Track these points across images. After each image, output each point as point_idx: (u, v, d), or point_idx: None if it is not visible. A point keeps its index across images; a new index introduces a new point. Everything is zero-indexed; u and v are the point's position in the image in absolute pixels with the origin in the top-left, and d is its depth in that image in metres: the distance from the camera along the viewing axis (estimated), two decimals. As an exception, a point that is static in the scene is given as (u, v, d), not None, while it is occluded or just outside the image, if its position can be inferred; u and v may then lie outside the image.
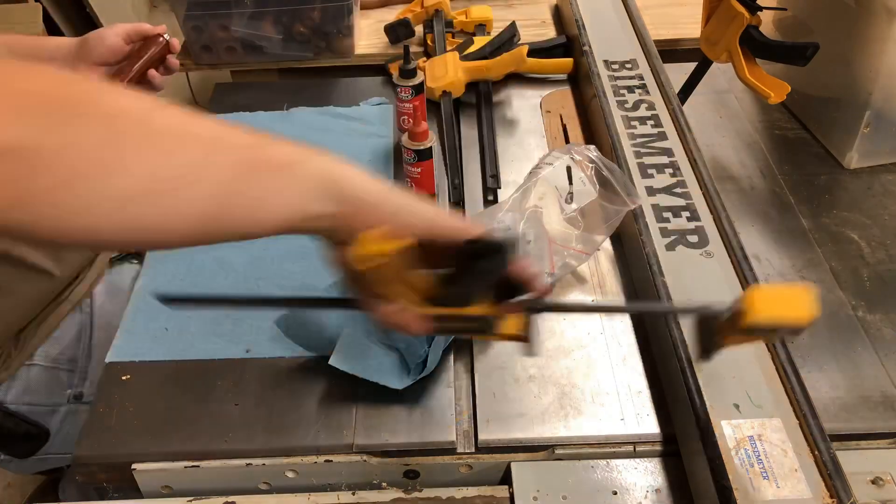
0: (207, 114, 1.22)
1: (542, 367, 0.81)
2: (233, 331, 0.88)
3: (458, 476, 0.77)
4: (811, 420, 0.66)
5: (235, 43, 1.37)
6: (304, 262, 0.96)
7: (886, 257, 0.94)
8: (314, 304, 0.71)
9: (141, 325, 0.89)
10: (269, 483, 0.77)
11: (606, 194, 0.86)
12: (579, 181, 0.86)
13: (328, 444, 0.76)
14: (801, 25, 1.14)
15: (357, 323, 0.81)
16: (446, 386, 0.80)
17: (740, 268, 0.82)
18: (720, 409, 0.68)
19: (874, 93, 1.01)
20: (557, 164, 0.87)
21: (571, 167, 0.86)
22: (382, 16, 1.52)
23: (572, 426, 0.76)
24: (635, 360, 0.82)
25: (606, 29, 1.28)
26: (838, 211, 1.01)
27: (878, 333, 0.84)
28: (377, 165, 1.11)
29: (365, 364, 0.78)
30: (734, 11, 1.01)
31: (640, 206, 0.88)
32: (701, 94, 1.17)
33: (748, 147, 1.13)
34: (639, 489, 0.71)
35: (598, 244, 0.88)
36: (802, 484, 0.62)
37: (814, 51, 0.95)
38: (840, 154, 1.09)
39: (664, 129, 1.03)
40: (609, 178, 0.85)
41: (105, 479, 0.78)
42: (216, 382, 0.82)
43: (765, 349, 0.74)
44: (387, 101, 1.25)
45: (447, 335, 0.79)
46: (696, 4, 1.12)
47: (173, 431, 0.78)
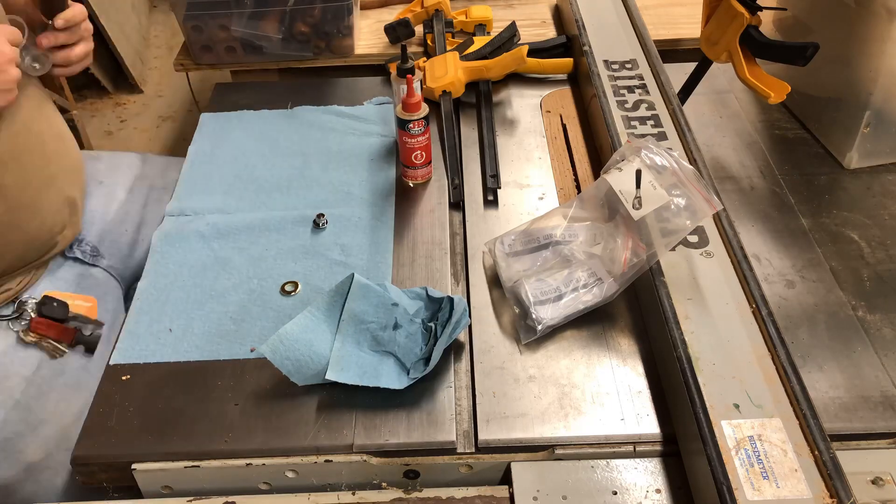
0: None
1: (542, 367, 0.81)
2: (236, 331, 0.88)
3: (458, 476, 0.77)
4: (811, 420, 0.66)
5: (235, 43, 1.37)
6: (304, 261, 0.96)
7: (886, 257, 0.94)
8: None
9: (144, 326, 0.89)
10: (269, 483, 0.77)
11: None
12: (649, 185, 0.82)
13: (328, 444, 0.76)
14: (801, 25, 1.14)
15: (347, 336, 0.81)
16: (446, 386, 0.80)
17: (740, 268, 0.82)
18: (720, 409, 0.68)
19: (874, 93, 1.01)
20: (626, 168, 0.84)
21: (642, 171, 0.83)
22: (382, 16, 1.52)
23: (572, 426, 0.76)
24: (635, 360, 0.82)
25: (606, 29, 1.28)
26: (838, 211, 1.01)
27: (878, 333, 0.84)
28: (379, 164, 1.12)
29: (362, 372, 0.78)
30: (734, 11, 1.01)
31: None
32: (701, 94, 1.17)
33: (748, 147, 1.13)
34: (639, 489, 0.71)
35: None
36: (802, 484, 0.62)
37: (814, 51, 0.95)
38: (840, 154, 1.09)
39: (664, 129, 1.03)
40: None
41: (105, 479, 0.78)
42: (216, 382, 0.82)
43: (765, 349, 0.74)
44: (389, 101, 1.25)
45: None
46: (696, 4, 1.12)
47: (173, 431, 0.78)
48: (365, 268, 0.95)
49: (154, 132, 2.32)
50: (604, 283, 0.85)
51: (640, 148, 0.85)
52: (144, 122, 2.37)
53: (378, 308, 0.81)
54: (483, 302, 0.89)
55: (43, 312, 0.93)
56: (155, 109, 2.41)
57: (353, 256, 0.96)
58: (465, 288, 0.92)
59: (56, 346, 0.93)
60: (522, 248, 0.92)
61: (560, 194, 1.05)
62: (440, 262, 0.95)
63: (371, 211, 1.03)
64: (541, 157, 1.12)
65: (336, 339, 0.80)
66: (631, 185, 0.83)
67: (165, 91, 2.49)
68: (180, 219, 1.04)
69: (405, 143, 1.02)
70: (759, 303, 0.78)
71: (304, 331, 0.80)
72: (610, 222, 0.88)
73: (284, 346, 0.78)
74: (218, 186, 1.09)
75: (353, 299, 0.81)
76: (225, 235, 1.00)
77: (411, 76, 0.98)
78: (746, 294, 0.80)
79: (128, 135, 2.31)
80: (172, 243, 1.00)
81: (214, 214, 1.04)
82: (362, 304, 0.81)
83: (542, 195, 1.05)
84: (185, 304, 0.91)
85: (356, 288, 0.81)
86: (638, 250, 0.83)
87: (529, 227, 0.93)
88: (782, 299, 0.89)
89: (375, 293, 0.82)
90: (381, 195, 1.06)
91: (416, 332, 0.82)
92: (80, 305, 0.97)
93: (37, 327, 0.92)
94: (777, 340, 0.74)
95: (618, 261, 0.84)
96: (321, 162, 1.13)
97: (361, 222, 1.02)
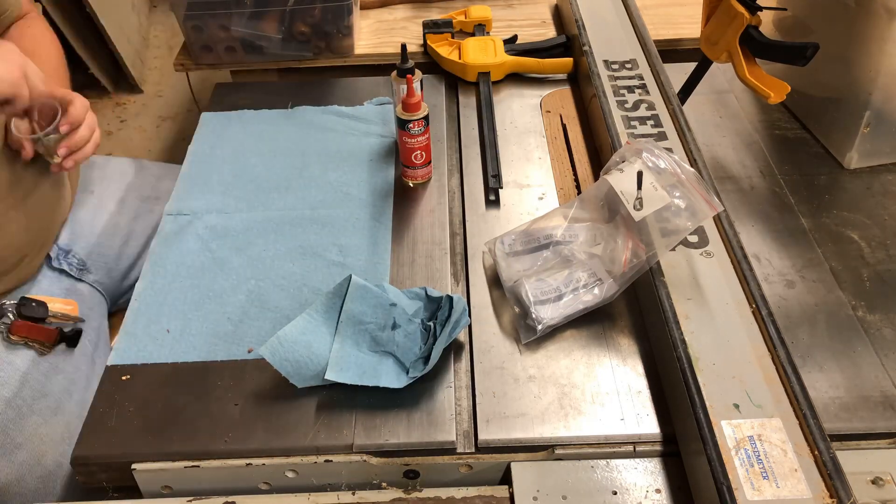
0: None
1: (542, 367, 0.81)
2: (234, 332, 0.88)
3: (458, 476, 0.77)
4: (811, 420, 0.66)
5: (235, 43, 1.37)
6: (305, 261, 0.96)
7: (886, 257, 0.94)
8: None
9: (141, 327, 0.89)
10: (269, 483, 0.77)
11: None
12: (650, 186, 0.82)
13: (328, 444, 0.76)
14: (801, 25, 1.14)
15: (345, 338, 0.81)
16: (446, 386, 0.80)
17: (740, 268, 0.82)
18: (720, 409, 0.68)
19: (874, 93, 1.01)
20: (628, 170, 0.84)
21: (643, 172, 0.83)
22: (382, 16, 1.52)
23: (572, 426, 0.76)
24: (635, 360, 0.82)
25: (606, 29, 1.28)
26: (838, 211, 1.01)
27: (878, 333, 0.84)
28: (379, 164, 1.12)
29: (361, 372, 0.78)
30: (734, 11, 1.01)
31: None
32: (701, 94, 1.17)
33: (748, 147, 1.13)
34: (639, 489, 0.71)
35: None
36: (802, 484, 0.62)
37: (814, 51, 0.95)
38: (840, 154, 1.09)
39: (664, 129, 1.03)
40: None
41: (105, 479, 0.78)
42: (216, 382, 0.82)
43: (765, 349, 0.74)
44: (390, 101, 1.25)
45: None
46: (696, 4, 1.12)
47: (173, 431, 0.78)
48: (363, 268, 0.95)
49: (154, 132, 2.32)
50: (604, 284, 0.85)
51: (641, 149, 0.85)
52: (144, 122, 2.37)
53: (376, 309, 0.81)
54: (483, 302, 0.89)
55: (23, 314, 0.92)
56: (155, 109, 2.41)
57: (352, 257, 0.96)
58: (465, 288, 0.92)
59: (41, 346, 0.93)
60: (522, 248, 0.92)
61: (560, 194, 1.05)
62: (440, 262, 0.95)
63: (370, 211, 1.03)
64: (541, 157, 1.12)
65: (335, 340, 0.80)
66: (632, 186, 0.83)
67: (165, 91, 2.48)
68: (179, 218, 1.04)
69: (405, 143, 1.02)
70: (759, 303, 0.78)
71: (303, 333, 0.80)
72: (610, 223, 0.88)
73: (283, 347, 0.78)
74: (217, 186, 1.09)
75: (350, 300, 0.81)
76: (223, 236, 1.00)
77: (411, 76, 0.98)
78: (746, 294, 0.80)
79: (128, 135, 2.31)
80: (170, 243, 1.00)
81: (213, 214, 1.04)
82: (360, 305, 0.81)
83: (542, 195, 1.05)
84: (183, 304, 0.91)
85: (354, 289, 0.81)
86: (638, 251, 0.83)
87: (529, 228, 0.93)
88: (782, 299, 0.89)
89: (373, 294, 0.82)
90: (380, 195, 1.06)
91: (414, 332, 0.82)
92: (61, 307, 0.97)
93: (18, 330, 0.91)
94: (777, 340, 0.74)
95: (618, 261, 0.84)
96: (321, 162, 1.13)
97: (360, 223, 1.02)
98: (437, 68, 1.33)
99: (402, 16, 1.53)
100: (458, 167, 1.12)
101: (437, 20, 1.39)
